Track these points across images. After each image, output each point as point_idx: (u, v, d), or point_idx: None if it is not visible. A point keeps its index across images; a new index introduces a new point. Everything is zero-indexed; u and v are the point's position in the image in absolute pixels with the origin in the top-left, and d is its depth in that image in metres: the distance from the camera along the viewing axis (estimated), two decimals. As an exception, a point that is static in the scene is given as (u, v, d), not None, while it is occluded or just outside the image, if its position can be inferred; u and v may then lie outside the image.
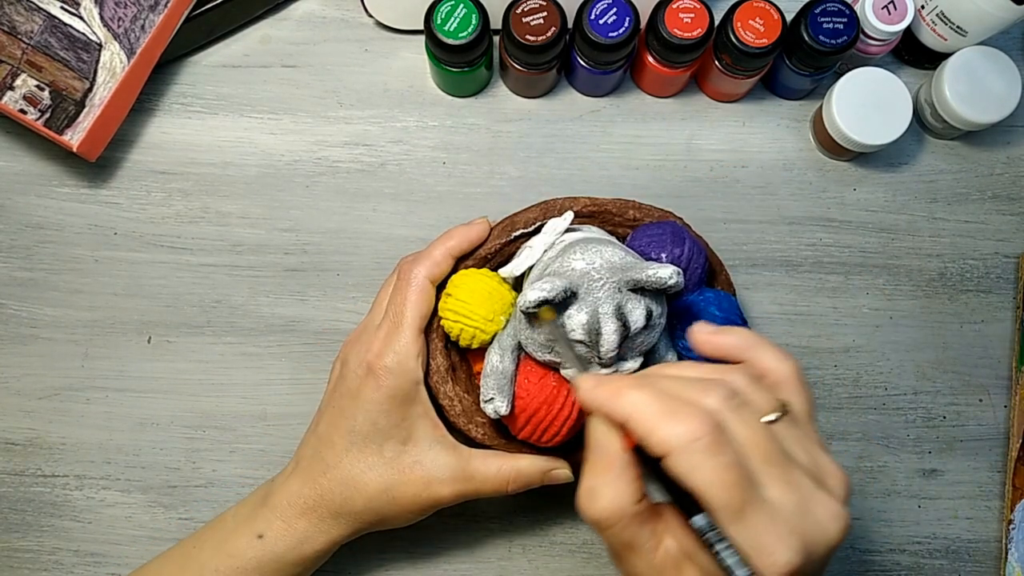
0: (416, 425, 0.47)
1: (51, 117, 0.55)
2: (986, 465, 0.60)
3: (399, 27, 0.62)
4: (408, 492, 0.46)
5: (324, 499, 0.47)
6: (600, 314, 0.42)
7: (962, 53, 0.58)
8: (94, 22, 0.55)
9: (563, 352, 0.43)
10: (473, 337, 0.46)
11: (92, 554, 0.57)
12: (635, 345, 0.44)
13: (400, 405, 0.47)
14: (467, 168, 0.61)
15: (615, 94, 0.62)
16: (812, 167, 0.62)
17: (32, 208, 0.60)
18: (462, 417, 0.48)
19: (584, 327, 0.42)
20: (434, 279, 0.48)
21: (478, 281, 0.47)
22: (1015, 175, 0.63)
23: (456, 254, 0.49)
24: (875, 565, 0.59)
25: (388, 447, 0.47)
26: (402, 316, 0.47)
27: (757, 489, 0.33)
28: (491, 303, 0.46)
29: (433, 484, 0.46)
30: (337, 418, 0.48)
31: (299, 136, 0.61)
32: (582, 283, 0.43)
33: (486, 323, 0.46)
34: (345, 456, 0.47)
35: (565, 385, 0.46)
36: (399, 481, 0.46)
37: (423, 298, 0.48)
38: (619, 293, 0.43)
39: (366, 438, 0.47)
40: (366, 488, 0.47)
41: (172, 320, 0.59)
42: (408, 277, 0.48)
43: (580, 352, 0.43)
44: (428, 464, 0.46)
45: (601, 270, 0.43)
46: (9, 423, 0.58)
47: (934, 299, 0.62)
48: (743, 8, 0.55)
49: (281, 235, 0.60)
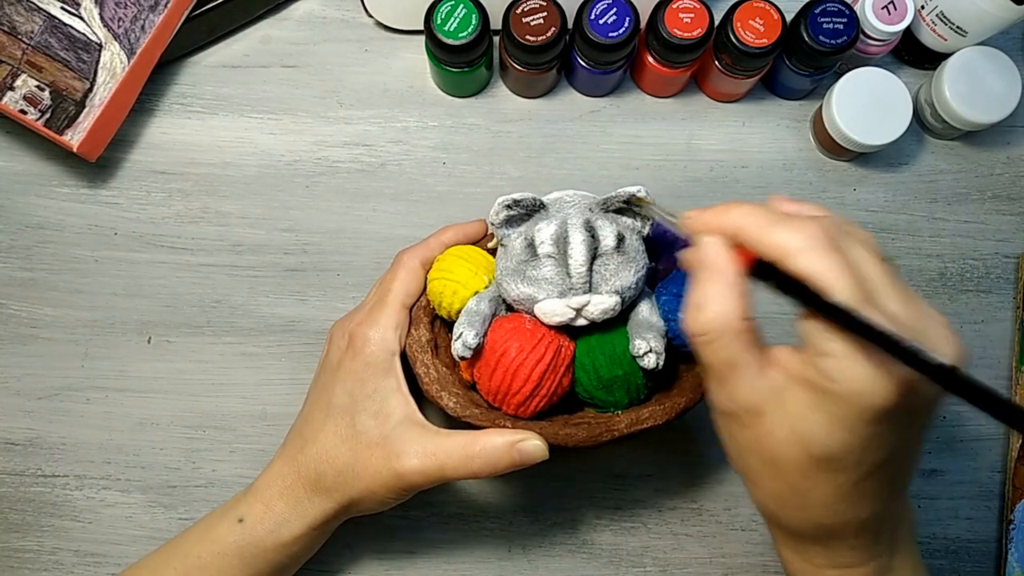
0: (388, 399, 0.46)
1: (51, 117, 0.55)
2: (986, 465, 0.60)
3: (399, 27, 0.62)
4: (371, 465, 0.46)
5: (300, 476, 0.47)
6: (568, 225, 0.42)
7: (962, 53, 0.58)
8: (94, 22, 0.55)
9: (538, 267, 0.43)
10: (454, 294, 0.46)
11: (92, 554, 0.57)
12: (607, 274, 0.43)
13: (374, 375, 0.47)
14: (467, 168, 0.61)
15: (615, 94, 0.62)
16: (812, 167, 0.62)
17: (32, 208, 0.60)
18: (435, 384, 0.47)
19: (552, 236, 0.42)
20: (425, 263, 0.49)
21: (464, 249, 0.48)
22: (1015, 175, 0.63)
23: (450, 245, 0.50)
24: (875, 565, 0.59)
25: (360, 420, 0.46)
26: (387, 292, 0.48)
27: (877, 297, 0.33)
28: (474, 265, 0.47)
29: (394, 457, 0.45)
30: (319, 393, 0.49)
31: (299, 136, 0.61)
32: (554, 205, 0.44)
33: (468, 279, 0.46)
34: (321, 430, 0.47)
35: (540, 328, 0.44)
36: (364, 455, 0.46)
37: (411, 277, 0.48)
38: (590, 212, 0.43)
39: (342, 410, 0.47)
40: (336, 460, 0.46)
41: (172, 320, 0.59)
42: (400, 261, 0.49)
43: (549, 275, 0.43)
44: (393, 438, 0.46)
45: (575, 197, 0.45)
46: (9, 423, 0.58)
47: (934, 299, 0.62)
48: (743, 8, 0.55)
49: (281, 235, 0.60)
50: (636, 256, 0.44)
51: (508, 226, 0.45)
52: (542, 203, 0.44)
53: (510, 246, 0.45)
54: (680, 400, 0.47)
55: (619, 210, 0.44)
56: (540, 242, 0.43)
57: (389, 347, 0.47)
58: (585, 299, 0.43)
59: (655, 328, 0.45)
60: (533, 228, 0.43)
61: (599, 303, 0.43)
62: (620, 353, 0.44)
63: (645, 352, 0.43)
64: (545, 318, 0.43)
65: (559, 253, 0.42)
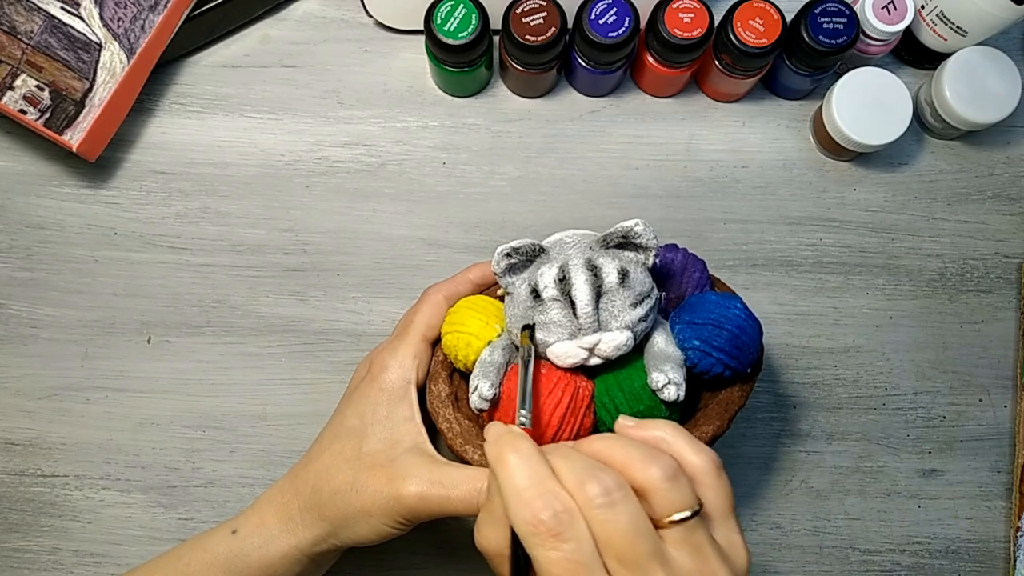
0: (399, 427, 0.46)
1: (51, 117, 0.55)
2: (986, 465, 0.60)
3: (399, 27, 0.62)
4: (370, 485, 0.45)
5: (297, 492, 0.47)
6: (570, 266, 0.42)
7: (962, 53, 0.58)
8: (94, 22, 0.55)
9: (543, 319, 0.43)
10: (468, 346, 0.46)
11: (92, 554, 0.57)
12: (615, 310, 0.42)
13: (388, 401, 0.47)
14: (467, 168, 0.61)
15: (615, 94, 0.62)
16: (812, 167, 0.62)
17: (32, 208, 0.60)
18: (459, 439, 0.46)
19: (554, 279, 0.42)
20: (450, 298, 0.49)
21: (475, 300, 0.48)
22: (1015, 175, 0.63)
23: (478, 283, 0.50)
24: (875, 565, 0.59)
25: (368, 443, 0.46)
26: (410, 323, 0.49)
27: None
28: (485, 315, 0.46)
29: (398, 479, 0.44)
30: (333, 418, 0.49)
31: (299, 136, 0.61)
32: (554, 247, 0.44)
33: (480, 329, 0.46)
34: (327, 449, 0.47)
35: (555, 372, 0.44)
36: (365, 475, 0.45)
37: (434, 311, 0.49)
38: (590, 251, 0.43)
39: (350, 431, 0.47)
40: (335, 478, 0.46)
41: (172, 320, 0.59)
42: (425, 294, 0.50)
43: (557, 317, 0.42)
44: (399, 463, 0.45)
45: (574, 237, 0.44)
46: (9, 423, 0.58)
47: (934, 299, 0.62)
48: (743, 8, 0.55)
49: (281, 235, 0.60)
50: (643, 288, 0.43)
51: (511, 274, 0.44)
52: (542, 248, 0.43)
53: (516, 293, 0.44)
54: (707, 428, 0.46)
55: (620, 245, 0.44)
56: (543, 286, 0.42)
57: (406, 375, 0.47)
58: (595, 338, 0.42)
59: (672, 359, 0.44)
60: (536, 273, 0.43)
61: (610, 340, 0.42)
62: (639, 388, 0.43)
63: (664, 384, 0.42)
64: (559, 361, 0.43)
65: (563, 295, 0.42)
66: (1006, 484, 0.60)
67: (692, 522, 0.34)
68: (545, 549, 0.32)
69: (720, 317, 0.44)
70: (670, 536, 0.34)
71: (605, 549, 0.33)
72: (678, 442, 0.37)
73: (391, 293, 0.60)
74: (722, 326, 0.44)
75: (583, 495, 0.33)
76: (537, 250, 0.43)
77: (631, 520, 0.33)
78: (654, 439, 0.37)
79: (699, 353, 0.44)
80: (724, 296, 0.46)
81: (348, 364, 0.59)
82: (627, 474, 0.34)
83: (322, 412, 0.59)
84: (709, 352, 0.44)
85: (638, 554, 0.33)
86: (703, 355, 0.44)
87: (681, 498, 0.34)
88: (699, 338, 0.44)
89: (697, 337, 0.44)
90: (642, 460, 0.34)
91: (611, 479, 0.33)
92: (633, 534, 0.33)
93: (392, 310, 0.60)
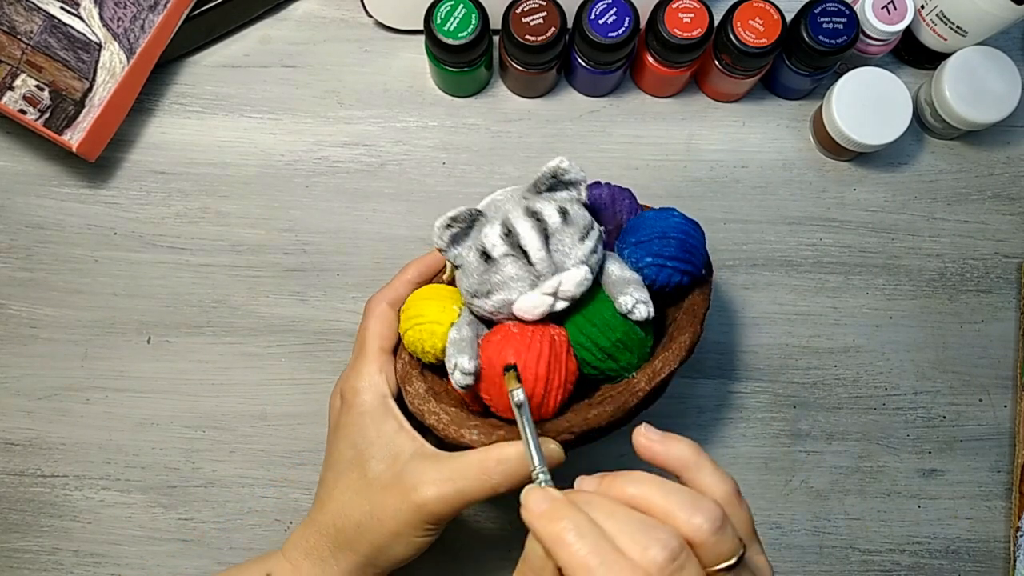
0: (394, 441, 0.46)
1: (51, 117, 0.55)
2: (986, 465, 0.60)
3: (399, 27, 0.62)
4: (389, 505, 0.44)
5: (322, 536, 0.47)
6: (511, 218, 0.43)
7: (962, 53, 0.58)
8: (94, 22, 0.55)
9: None
10: (433, 334, 0.45)
11: (92, 554, 0.57)
12: (566, 248, 0.43)
13: (372, 422, 0.46)
14: (467, 168, 0.61)
15: (615, 94, 0.62)
16: (812, 167, 0.62)
17: (32, 208, 0.60)
18: (452, 426, 0.46)
19: (500, 235, 0.42)
20: (393, 304, 0.49)
21: (424, 291, 0.48)
22: (1015, 175, 0.63)
23: (415, 281, 0.50)
24: (875, 565, 0.59)
25: (370, 467, 0.46)
26: (363, 341, 0.49)
27: None
28: (440, 300, 0.46)
29: (411, 491, 0.44)
30: (328, 456, 0.49)
31: (299, 136, 0.61)
32: (489, 209, 0.44)
33: (439, 315, 0.46)
34: (335, 487, 0.47)
35: (527, 327, 0.44)
36: (380, 499, 0.45)
37: (382, 321, 0.49)
38: (525, 200, 0.44)
39: (349, 464, 0.47)
40: (353, 513, 0.45)
41: (172, 320, 0.59)
42: (368, 308, 0.50)
43: (513, 272, 0.42)
44: (406, 474, 0.45)
45: (505, 193, 0.45)
46: (9, 423, 0.58)
47: (934, 299, 0.62)
48: (743, 8, 0.55)
49: (281, 235, 0.60)
50: (585, 222, 0.44)
51: (455, 245, 0.44)
52: (479, 211, 0.44)
53: (465, 263, 0.44)
54: (684, 338, 0.46)
55: (551, 188, 0.44)
56: (492, 245, 0.43)
57: (379, 391, 0.47)
58: (556, 280, 0.42)
59: (632, 281, 0.44)
60: (480, 237, 0.43)
61: (571, 278, 0.43)
62: (610, 318, 0.44)
63: (633, 305, 0.43)
64: (527, 315, 0.43)
65: (514, 248, 0.42)
66: (1006, 484, 0.60)
67: (737, 567, 0.34)
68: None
69: (663, 228, 0.45)
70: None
71: None
72: (701, 467, 0.37)
73: (391, 293, 0.60)
74: (667, 236, 0.45)
75: (649, 562, 0.33)
76: (475, 213, 0.43)
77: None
78: (677, 461, 0.38)
79: (655, 268, 0.45)
80: (660, 210, 0.47)
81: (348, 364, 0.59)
82: (671, 523, 0.34)
83: (322, 412, 0.59)
84: (664, 264, 0.45)
85: None
86: (659, 268, 0.45)
87: (729, 547, 0.34)
88: (650, 254, 0.45)
89: (648, 254, 0.45)
90: (685, 509, 0.34)
91: (674, 540, 0.33)
92: None
93: (392, 310, 0.60)
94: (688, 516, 0.34)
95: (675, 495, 0.35)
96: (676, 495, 0.35)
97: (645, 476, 0.36)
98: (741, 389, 0.60)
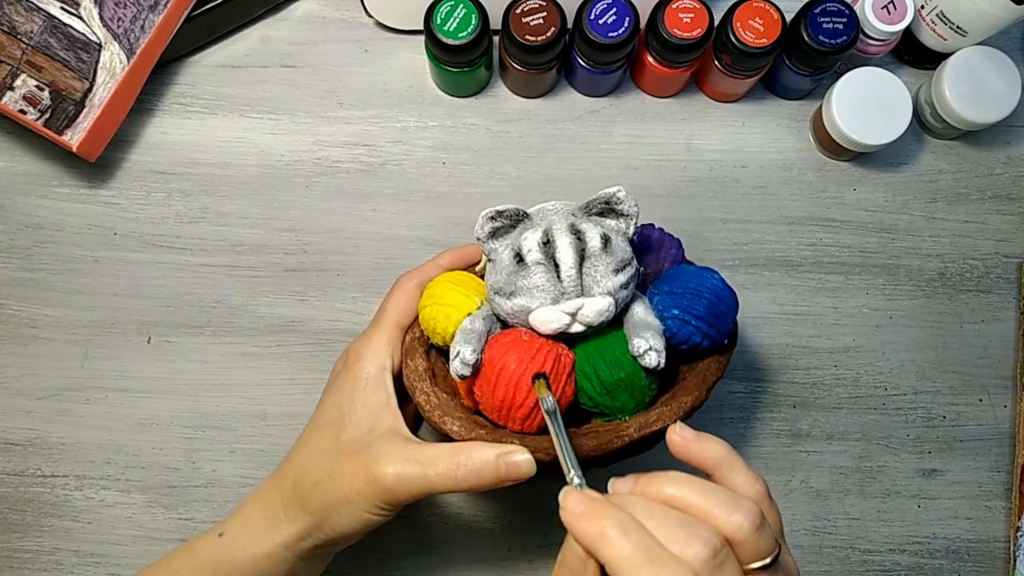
0: (376, 414, 0.46)
1: (51, 117, 0.55)
2: (986, 465, 0.60)
3: (399, 27, 0.62)
4: (348, 469, 0.44)
5: (280, 487, 0.47)
6: (554, 230, 0.42)
7: (962, 53, 0.58)
8: (94, 22, 0.55)
9: None
10: (447, 318, 0.45)
11: (92, 554, 0.57)
12: (597, 275, 0.42)
13: (364, 389, 0.47)
14: (467, 168, 0.61)
15: (615, 94, 0.62)
16: (812, 167, 0.62)
17: (32, 208, 0.60)
18: (437, 411, 0.45)
19: (538, 242, 0.42)
20: (421, 285, 0.49)
21: (453, 275, 0.48)
22: (1015, 175, 0.63)
23: (448, 267, 0.50)
24: (875, 565, 0.59)
25: (346, 432, 0.46)
26: (383, 311, 0.49)
27: None
28: (464, 288, 0.46)
29: (372, 461, 0.43)
30: (315, 412, 0.49)
31: (299, 136, 0.61)
32: (537, 214, 0.44)
33: (459, 301, 0.45)
34: (307, 443, 0.47)
35: (537, 339, 0.44)
36: (342, 462, 0.44)
37: (406, 297, 0.49)
38: (573, 217, 0.43)
39: (329, 423, 0.47)
40: (314, 470, 0.45)
41: (172, 320, 0.59)
42: (397, 283, 0.50)
43: (540, 281, 0.42)
44: (374, 445, 0.44)
45: (557, 205, 0.44)
46: (9, 423, 0.58)
47: (934, 299, 0.62)
48: (743, 8, 0.55)
49: (281, 235, 0.60)
50: (624, 256, 0.43)
51: (494, 239, 0.44)
52: (526, 213, 0.44)
53: (498, 260, 0.44)
54: (686, 399, 0.46)
55: (601, 213, 0.44)
56: (528, 250, 0.42)
57: (380, 362, 0.47)
58: (579, 303, 0.42)
59: (652, 327, 0.44)
60: (519, 238, 0.43)
61: (593, 305, 0.42)
62: (620, 355, 0.44)
63: (645, 350, 0.42)
64: (541, 327, 0.43)
65: (547, 259, 0.42)
66: (1006, 484, 0.60)
67: (772, 566, 0.35)
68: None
69: (698, 286, 0.45)
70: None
71: None
72: (735, 468, 0.38)
73: (391, 293, 0.60)
74: (700, 294, 0.45)
75: (693, 560, 0.33)
76: (521, 214, 0.43)
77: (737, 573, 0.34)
78: (711, 461, 0.38)
79: (678, 322, 0.44)
80: (701, 268, 0.47)
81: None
82: (711, 523, 0.34)
83: (322, 412, 0.59)
84: (688, 320, 0.44)
85: None
86: (682, 323, 0.44)
87: (767, 545, 0.35)
88: (678, 307, 0.44)
89: (676, 306, 0.44)
90: (724, 508, 0.35)
91: (715, 538, 0.34)
92: None
93: (392, 310, 0.60)
94: (728, 515, 0.34)
95: (713, 495, 0.35)
96: (714, 495, 0.35)
97: (681, 476, 0.36)
98: (741, 389, 0.60)
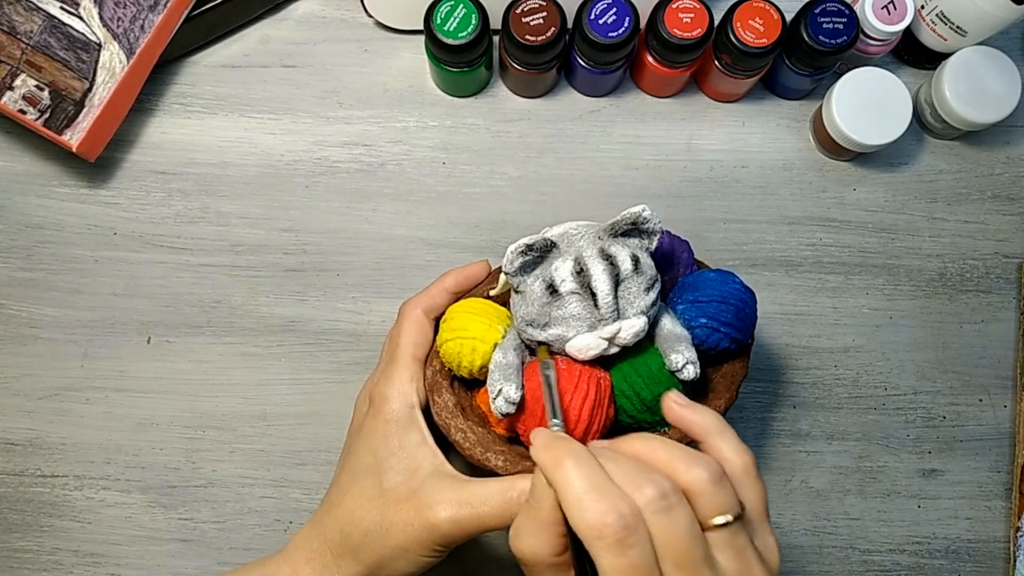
0: (415, 455, 0.45)
1: (51, 117, 0.55)
2: (986, 465, 0.60)
3: (399, 27, 0.62)
4: (400, 519, 0.44)
5: (326, 539, 0.46)
6: (585, 257, 0.42)
7: (962, 53, 0.58)
8: (93, 22, 0.55)
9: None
10: (474, 351, 0.45)
11: (92, 554, 0.57)
12: (632, 297, 0.43)
13: (397, 431, 0.46)
14: (467, 168, 0.61)
15: (615, 94, 0.62)
16: (812, 167, 0.62)
17: (32, 208, 0.60)
18: (478, 447, 0.46)
19: (571, 272, 0.42)
20: (429, 312, 0.48)
21: (471, 303, 0.47)
22: (1015, 175, 0.63)
23: (454, 291, 0.49)
24: (875, 565, 0.59)
25: (388, 478, 0.45)
26: (396, 347, 0.48)
27: None
28: (486, 318, 0.46)
29: (425, 508, 0.43)
30: (346, 458, 0.48)
31: (299, 136, 0.61)
32: (563, 241, 0.44)
33: (484, 332, 0.45)
34: (348, 492, 0.46)
35: (575, 365, 0.44)
36: (393, 511, 0.44)
37: (417, 328, 0.48)
38: (600, 240, 0.43)
39: (367, 470, 0.46)
40: (363, 520, 0.45)
41: (172, 320, 0.59)
42: (403, 313, 0.49)
43: (577, 311, 0.42)
44: (424, 491, 0.44)
45: (580, 228, 0.44)
46: (9, 423, 0.58)
47: (934, 299, 0.62)
48: (743, 8, 0.55)
49: (281, 235, 0.60)
50: (652, 273, 0.44)
51: (523, 272, 0.44)
52: (553, 243, 0.43)
53: (528, 291, 0.43)
54: (719, 403, 0.47)
55: (626, 232, 0.44)
56: (561, 280, 0.42)
57: (408, 401, 0.46)
58: (616, 327, 0.42)
59: (683, 339, 0.44)
60: (549, 269, 0.43)
61: (629, 328, 0.42)
62: (657, 371, 0.44)
63: (683, 364, 0.43)
64: (579, 354, 0.43)
65: (582, 288, 0.42)
66: (1006, 484, 0.60)
67: (735, 525, 0.34)
68: (612, 554, 0.32)
69: (723, 293, 0.46)
70: (714, 539, 0.34)
71: (663, 553, 0.33)
72: (723, 437, 0.37)
73: (391, 293, 0.60)
74: (727, 301, 0.45)
75: (641, 498, 0.33)
76: (549, 244, 0.43)
77: (688, 524, 0.33)
78: (701, 428, 0.38)
79: (707, 330, 0.45)
80: (720, 272, 0.47)
81: (348, 364, 0.59)
82: (672, 476, 0.34)
83: (322, 412, 0.59)
84: (717, 328, 0.45)
85: (693, 558, 0.33)
86: (711, 331, 0.45)
87: (726, 501, 0.34)
88: (705, 315, 0.45)
89: (704, 315, 0.45)
90: (686, 462, 0.35)
91: (667, 483, 0.34)
92: (689, 538, 0.33)
93: (392, 310, 0.59)
94: (687, 467, 0.34)
95: (678, 450, 0.35)
96: (679, 450, 0.35)
97: (653, 436, 0.37)
98: (741, 389, 0.60)
